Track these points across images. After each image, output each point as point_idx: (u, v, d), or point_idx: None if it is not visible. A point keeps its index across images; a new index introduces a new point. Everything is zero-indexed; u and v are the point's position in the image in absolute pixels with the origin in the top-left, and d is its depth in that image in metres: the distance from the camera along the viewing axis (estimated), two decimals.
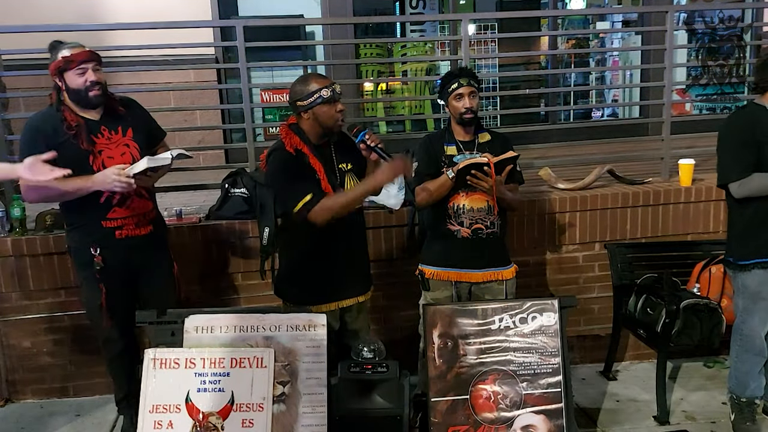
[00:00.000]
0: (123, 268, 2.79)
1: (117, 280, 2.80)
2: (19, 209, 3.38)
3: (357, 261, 2.80)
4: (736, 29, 4.49)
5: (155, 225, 2.87)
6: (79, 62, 2.58)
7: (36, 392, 3.57)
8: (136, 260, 2.82)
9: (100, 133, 2.69)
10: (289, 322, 2.64)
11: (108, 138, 2.70)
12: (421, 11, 6.61)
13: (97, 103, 2.67)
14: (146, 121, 2.88)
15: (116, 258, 2.76)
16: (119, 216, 2.72)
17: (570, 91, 6.66)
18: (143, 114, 2.89)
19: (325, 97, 2.53)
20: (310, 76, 2.61)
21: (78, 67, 2.59)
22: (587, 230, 3.77)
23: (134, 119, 2.79)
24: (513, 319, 2.71)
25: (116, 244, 2.74)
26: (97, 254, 2.74)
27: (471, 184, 2.77)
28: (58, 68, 2.60)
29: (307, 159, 2.56)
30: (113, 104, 2.75)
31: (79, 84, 2.61)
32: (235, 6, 6.04)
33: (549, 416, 2.64)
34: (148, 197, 2.81)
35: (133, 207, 2.73)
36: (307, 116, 2.57)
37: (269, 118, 6.00)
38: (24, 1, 4.99)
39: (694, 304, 3.14)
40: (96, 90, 2.63)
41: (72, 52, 2.59)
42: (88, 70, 2.60)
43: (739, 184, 2.76)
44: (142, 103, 2.94)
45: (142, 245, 2.80)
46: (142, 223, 2.78)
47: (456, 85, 2.83)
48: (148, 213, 2.81)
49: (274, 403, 2.56)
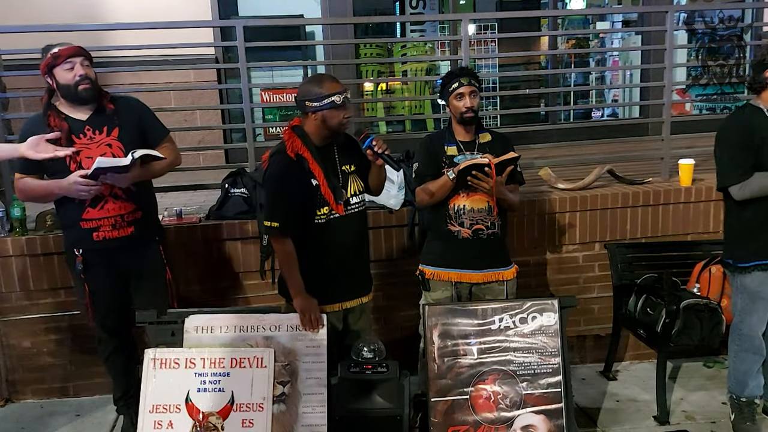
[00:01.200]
0: (106, 269, 2.78)
1: (102, 281, 2.80)
2: (19, 209, 3.37)
3: (360, 262, 2.79)
4: (736, 29, 4.49)
5: (139, 227, 2.77)
6: (67, 56, 2.60)
7: (36, 392, 3.57)
8: (120, 262, 2.79)
9: (83, 133, 2.67)
10: (289, 322, 2.65)
11: (90, 138, 2.68)
12: (421, 11, 6.61)
13: (87, 98, 2.66)
14: (138, 120, 2.81)
15: (97, 259, 2.76)
16: (93, 217, 2.69)
17: (570, 91, 6.66)
18: (137, 113, 2.83)
19: (337, 103, 2.52)
20: (323, 78, 2.58)
21: (66, 61, 2.60)
22: (587, 230, 3.77)
23: (123, 118, 2.74)
24: (513, 319, 2.71)
25: (95, 246, 2.73)
26: (78, 254, 2.75)
27: (471, 184, 2.77)
28: (48, 65, 2.62)
29: (306, 164, 2.55)
30: (104, 102, 2.73)
31: (69, 79, 2.61)
32: (235, 6, 6.04)
33: (549, 416, 2.65)
34: (125, 198, 2.72)
35: (107, 208, 2.69)
36: (314, 117, 2.56)
37: (269, 118, 6.00)
38: (24, 1, 4.98)
39: (694, 304, 3.14)
40: (85, 84, 2.63)
41: (60, 49, 2.62)
42: (76, 65, 2.62)
43: (740, 187, 2.76)
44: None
45: (123, 247, 2.76)
46: (119, 224, 2.72)
47: (457, 85, 2.83)
48: (127, 215, 2.73)
49: (274, 403, 2.57)
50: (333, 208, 2.57)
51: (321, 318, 2.62)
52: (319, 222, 2.59)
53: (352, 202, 2.66)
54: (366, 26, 6.62)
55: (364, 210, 2.75)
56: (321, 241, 2.61)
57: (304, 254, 2.60)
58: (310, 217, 2.58)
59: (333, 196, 2.55)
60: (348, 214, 2.63)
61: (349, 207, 2.65)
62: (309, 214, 2.58)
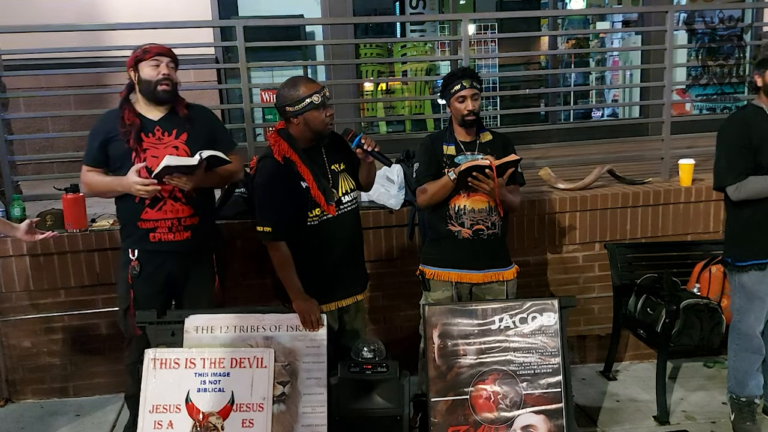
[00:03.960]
0: (157, 275, 2.74)
1: (149, 288, 2.75)
2: (19, 209, 3.38)
3: (355, 259, 2.79)
4: (736, 29, 4.49)
5: (195, 233, 2.73)
6: (155, 53, 2.65)
7: (36, 392, 3.57)
8: (173, 268, 2.75)
9: (152, 133, 2.68)
10: (289, 322, 2.65)
11: (158, 138, 2.68)
12: (421, 11, 6.61)
13: (164, 99, 2.68)
14: (210, 129, 2.81)
15: (151, 262, 2.73)
16: (152, 218, 2.67)
17: (570, 91, 6.67)
18: (210, 122, 2.84)
19: (316, 103, 2.51)
20: (298, 81, 2.57)
21: (153, 58, 2.64)
22: (587, 230, 3.77)
23: (194, 125, 2.74)
24: (513, 319, 2.71)
25: (151, 248, 2.70)
26: (134, 258, 2.72)
27: (472, 186, 2.77)
28: (136, 58, 2.66)
29: (295, 167, 2.55)
30: (178, 107, 2.74)
31: (152, 75, 2.64)
32: (235, 6, 6.04)
33: (549, 416, 2.65)
34: (185, 202, 2.69)
35: (165, 210, 2.67)
36: (297, 122, 2.55)
37: (269, 118, 5.99)
38: (24, 1, 4.98)
39: (694, 304, 3.14)
40: (165, 84, 2.65)
41: (150, 45, 2.68)
42: (162, 64, 2.65)
43: (735, 188, 2.76)
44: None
45: (178, 252, 2.72)
46: (176, 228, 2.69)
47: (458, 87, 2.82)
48: (184, 219, 2.70)
49: (274, 403, 2.57)
50: (324, 210, 2.57)
51: (321, 318, 2.63)
52: (311, 224, 2.59)
53: (344, 201, 2.66)
54: (366, 26, 6.63)
55: (357, 208, 2.75)
56: (315, 243, 2.62)
57: (299, 256, 2.60)
58: (303, 219, 2.58)
59: (324, 198, 2.54)
60: (340, 214, 2.64)
61: (341, 206, 2.65)
62: (301, 217, 2.58)
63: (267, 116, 6.02)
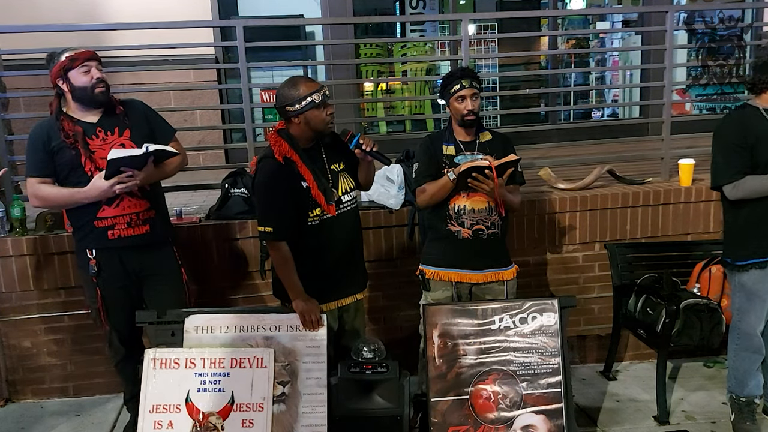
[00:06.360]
0: (120, 271, 2.77)
1: (115, 284, 2.78)
2: (19, 209, 3.38)
3: (355, 259, 2.80)
4: (736, 29, 4.49)
5: (153, 226, 2.78)
6: (84, 60, 2.64)
7: (36, 392, 3.57)
8: (134, 263, 2.78)
9: (95, 135, 2.69)
10: (289, 322, 2.65)
11: (103, 139, 2.70)
12: (421, 11, 6.61)
13: (101, 101, 2.69)
14: (146, 120, 2.84)
15: (111, 260, 2.75)
16: (109, 215, 2.69)
17: (570, 91, 6.66)
18: (144, 114, 2.86)
19: (316, 102, 2.51)
20: (298, 81, 2.57)
21: (83, 65, 2.64)
22: (587, 230, 3.77)
23: (132, 119, 2.77)
24: (513, 319, 2.71)
25: (110, 245, 2.72)
26: (92, 257, 2.74)
27: (472, 186, 2.77)
28: (63, 68, 2.63)
29: (295, 167, 2.55)
30: (113, 105, 2.75)
31: (85, 82, 2.64)
32: (235, 6, 6.03)
33: (549, 416, 2.65)
34: (141, 196, 2.73)
35: (123, 205, 2.70)
36: (297, 121, 2.55)
37: (269, 118, 5.98)
38: (24, 1, 4.98)
39: (694, 304, 3.15)
40: (101, 87, 2.67)
41: (74, 53, 2.65)
42: (92, 68, 2.66)
43: (732, 187, 2.77)
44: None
45: (138, 247, 2.76)
46: (135, 222, 2.73)
47: (458, 87, 2.82)
48: (142, 213, 2.75)
49: (274, 403, 2.57)
50: (325, 210, 2.57)
51: (321, 318, 2.63)
52: (312, 224, 2.59)
53: (344, 201, 2.67)
54: (366, 26, 6.62)
55: (356, 207, 2.76)
56: (315, 243, 2.62)
57: (299, 255, 2.60)
58: (303, 219, 2.58)
59: (324, 198, 2.54)
60: (340, 213, 2.64)
61: (341, 206, 2.65)
62: (302, 217, 2.58)
63: (267, 116, 6.02)
